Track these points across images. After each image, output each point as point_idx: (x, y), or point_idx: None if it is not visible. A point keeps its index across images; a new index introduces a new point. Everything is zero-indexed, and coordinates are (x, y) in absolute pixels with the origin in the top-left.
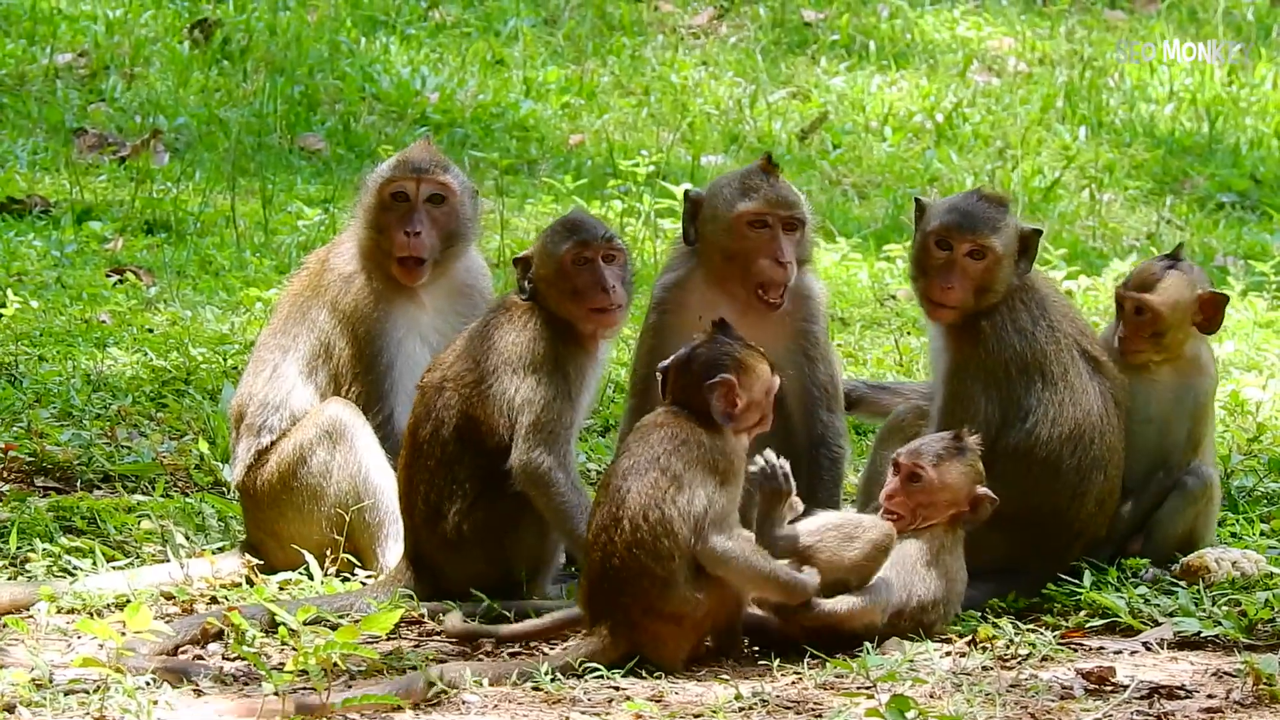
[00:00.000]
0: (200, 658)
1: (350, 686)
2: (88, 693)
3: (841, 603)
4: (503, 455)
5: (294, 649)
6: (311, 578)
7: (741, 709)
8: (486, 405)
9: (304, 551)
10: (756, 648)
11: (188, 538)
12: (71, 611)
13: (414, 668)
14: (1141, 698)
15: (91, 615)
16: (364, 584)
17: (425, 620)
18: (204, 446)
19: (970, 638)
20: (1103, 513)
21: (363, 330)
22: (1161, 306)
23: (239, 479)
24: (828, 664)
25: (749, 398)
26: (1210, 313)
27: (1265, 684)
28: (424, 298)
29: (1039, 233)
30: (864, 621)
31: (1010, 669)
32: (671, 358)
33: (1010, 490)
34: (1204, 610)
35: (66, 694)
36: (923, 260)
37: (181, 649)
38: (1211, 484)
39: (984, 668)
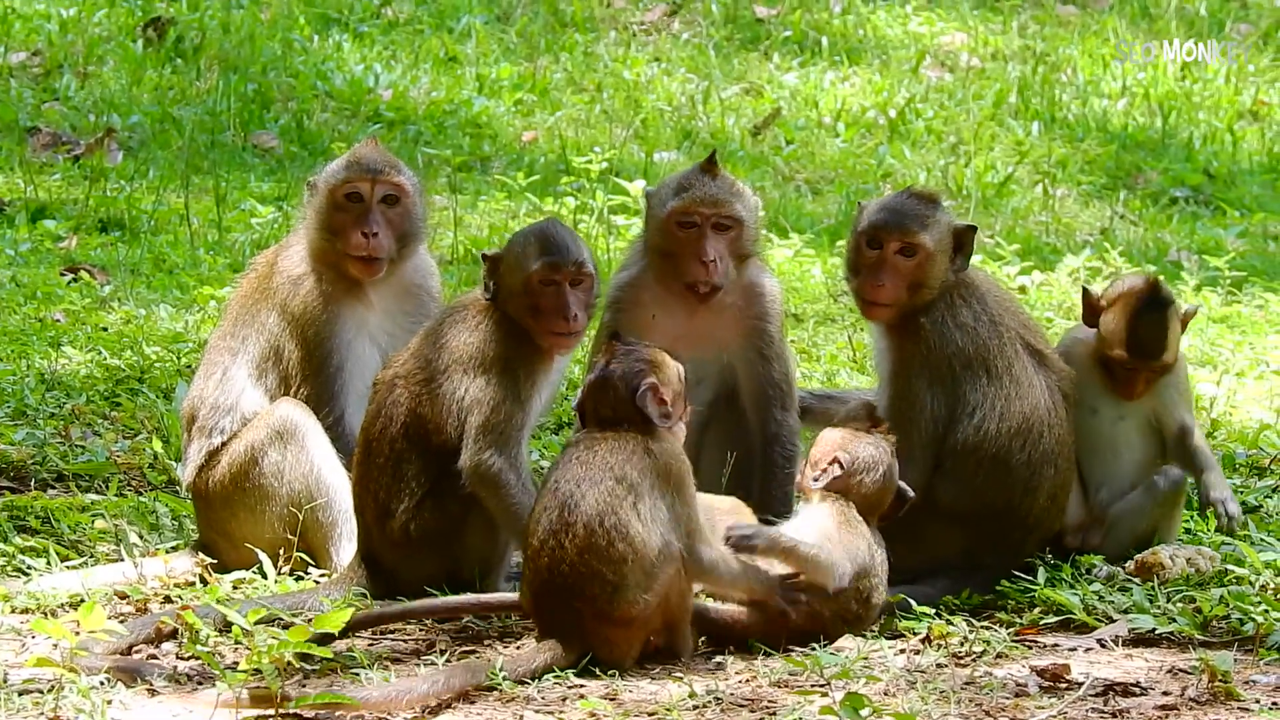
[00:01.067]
0: (154, 657)
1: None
2: (42, 693)
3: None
4: (450, 455)
5: (248, 648)
6: (265, 577)
7: (695, 707)
8: (435, 404)
9: (257, 550)
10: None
11: (141, 537)
12: (25, 611)
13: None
14: (1096, 695)
15: (45, 615)
16: (317, 583)
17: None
18: (158, 445)
19: (924, 635)
20: (1055, 507)
21: (312, 332)
22: (1175, 355)
23: (190, 480)
24: (781, 661)
25: (672, 391)
26: (1184, 326)
27: (1220, 681)
28: (373, 298)
29: (973, 229)
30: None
31: (965, 666)
32: (582, 389)
33: (962, 487)
34: (1159, 607)
35: (20, 694)
36: (855, 260)
37: (135, 649)
38: (1180, 489)
39: (938, 665)
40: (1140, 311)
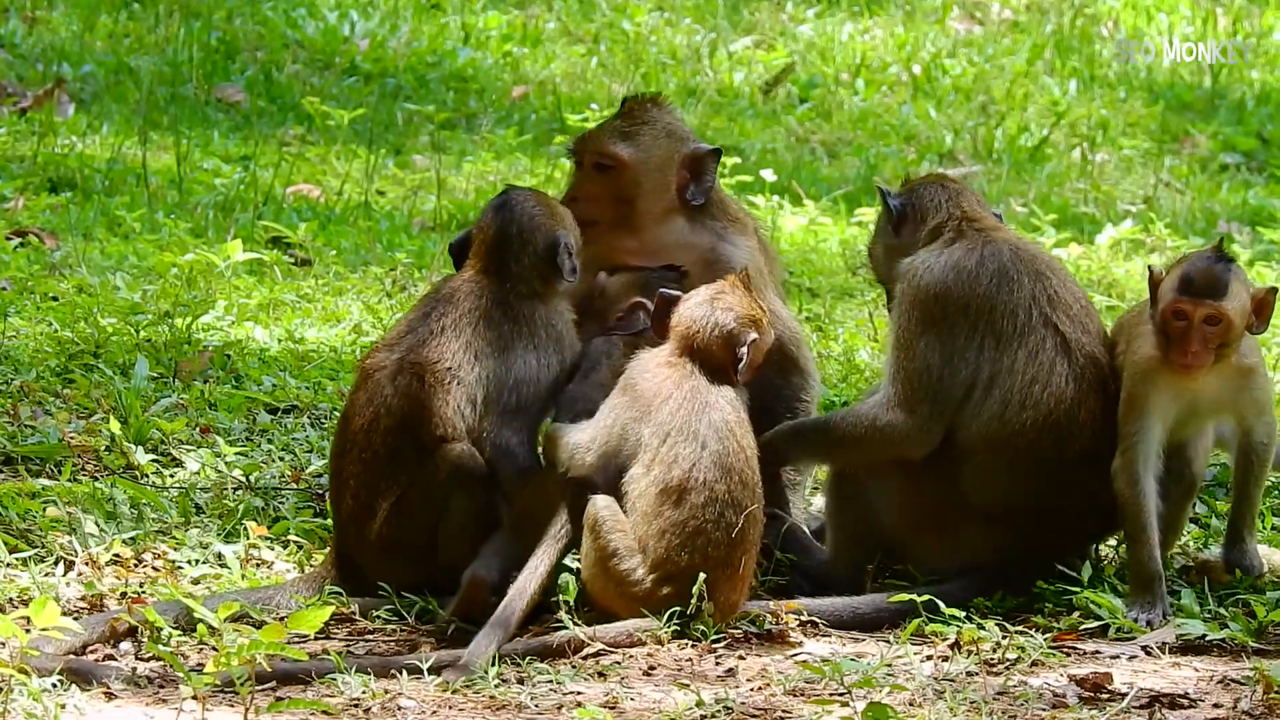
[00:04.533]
0: (111, 658)
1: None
2: None
3: None
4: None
5: (214, 649)
6: (227, 568)
7: (703, 717)
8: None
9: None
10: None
11: (99, 525)
12: None
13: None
14: (1141, 707)
15: None
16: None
17: (357, 618)
18: (115, 426)
19: (954, 640)
20: (1099, 507)
21: None
22: (1235, 314)
23: None
24: (798, 668)
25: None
26: (1263, 312)
27: (1276, 692)
28: None
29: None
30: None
31: (997, 675)
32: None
33: (994, 485)
34: (1209, 611)
35: None
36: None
37: (90, 648)
38: (1195, 489)
39: (969, 673)
40: (1196, 258)
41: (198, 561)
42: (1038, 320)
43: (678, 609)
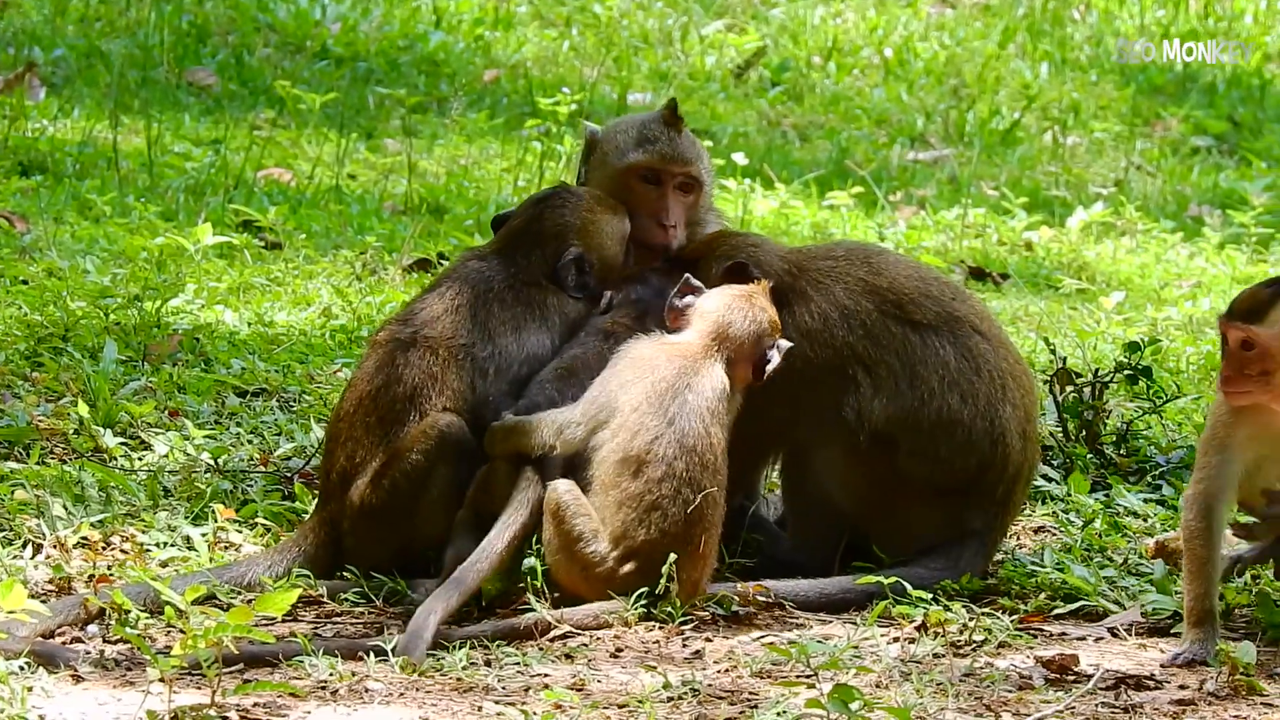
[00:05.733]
0: (79, 640)
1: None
2: None
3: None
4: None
5: (181, 631)
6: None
7: (670, 699)
8: (465, 369)
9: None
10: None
11: (66, 508)
12: None
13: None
14: (1107, 688)
15: None
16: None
17: (324, 600)
18: (83, 410)
19: (920, 622)
20: (1030, 443)
21: None
22: (1272, 340)
23: None
24: (764, 650)
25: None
26: None
27: (1242, 674)
28: None
29: None
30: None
31: (964, 656)
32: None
33: (933, 464)
34: (1176, 593)
35: None
36: None
37: (59, 631)
38: None
39: (935, 655)
40: (1254, 286)
41: (166, 544)
42: (894, 327)
43: (645, 590)
